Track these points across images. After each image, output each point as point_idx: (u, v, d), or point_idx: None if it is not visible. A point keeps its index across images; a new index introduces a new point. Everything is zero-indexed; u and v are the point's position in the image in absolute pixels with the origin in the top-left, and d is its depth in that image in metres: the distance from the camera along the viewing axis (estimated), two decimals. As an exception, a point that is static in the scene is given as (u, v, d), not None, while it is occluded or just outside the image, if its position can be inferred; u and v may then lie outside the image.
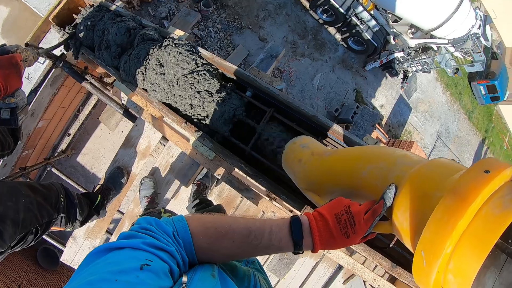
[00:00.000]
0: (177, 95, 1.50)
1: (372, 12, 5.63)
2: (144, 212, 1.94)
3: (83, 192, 2.15)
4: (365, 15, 5.64)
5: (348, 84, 6.41)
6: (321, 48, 6.20)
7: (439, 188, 0.57)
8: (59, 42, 1.85)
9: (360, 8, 5.57)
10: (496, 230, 0.44)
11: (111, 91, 1.94)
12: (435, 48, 5.91)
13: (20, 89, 1.27)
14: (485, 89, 9.27)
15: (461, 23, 4.91)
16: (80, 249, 2.20)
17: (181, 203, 2.15)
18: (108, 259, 0.46)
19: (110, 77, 2.27)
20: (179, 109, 1.55)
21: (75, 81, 1.98)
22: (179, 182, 2.00)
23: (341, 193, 0.87)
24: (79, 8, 1.97)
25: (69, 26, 1.90)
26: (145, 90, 1.60)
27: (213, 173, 1.53)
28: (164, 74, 1.50)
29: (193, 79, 1.45)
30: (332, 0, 5.57)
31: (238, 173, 1.45)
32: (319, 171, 0.95)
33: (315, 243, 0.63)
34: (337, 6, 5.63)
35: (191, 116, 1.53)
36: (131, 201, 2.10)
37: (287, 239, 0.63)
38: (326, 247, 0.65)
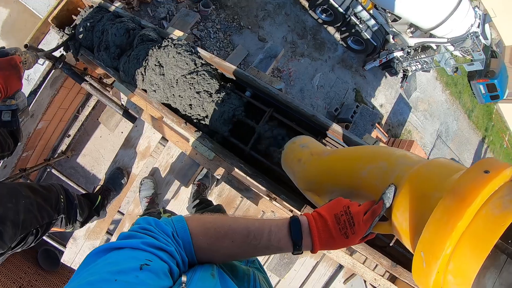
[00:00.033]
0: (176, 95, 1.50)
1: (371, 11, 5.63)
2: (144, 212, 1.94)
3: (83, 193, 2.15)
4: (364, 14, 5.64)
5: (347, 84, 6.40)
6: (321, 48, 6.19)
7: (438, 188, 0.57)
8: (59, 44, 1.84)
9: (359, 8, 5.57)
10: (496, 231, 0.44)
11: (110, 92, 1.94)
12: (435, 47, 5.91)
13: (20, 91, 1.28)
14: (484, 88, 9.26)
15: (460, 22, 4.91)
16: (80, 250, 2.20)
17: (181, 203, 2.15)
18: (108, 259, 0.46)
19: (110, 78, 2.28)
20: (178, 110, 1.55)
21: (75, 82, 1.97)
22: (179, 182, 2.00)
23: (340, 193, 0.87)
24: (78, 9, 1.97)
25: (68, 27, 1.90)
26: (145, 91, 1.60)
27: (213, 173, 1.53)
28: (164, 74, 1.50)
29: (192, 79, 1.45)
30: (331, 0, 5.57)
31: (238, 173, 1.45)
32: (318, 171, 0.95)
33: (314, 243, 0.63)
34: (336, 6, 5.63)
35: (191, 116, 1.53)
36: (131, 202, 2.10)
37: (286, 239, 0.63)
38: (325, 248, 0.65)
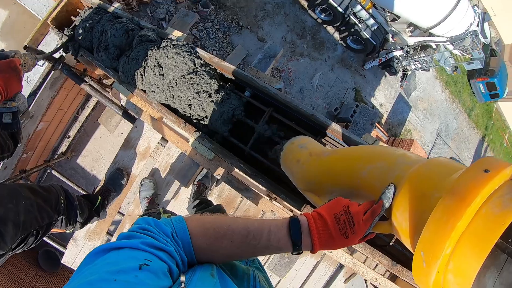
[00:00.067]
0: (176, 95, 1.50)
1: (370, 10, 5.63)
2: (144, 213, 1.94)
3: (83, 194, 2.15)
4: (363, 14, 5.64)
5: (347, 83, 6.40)
6: (320, 48, 6.19)
7: (438, 188, 0.57)
8: (58, 46, 1.84)
9: (359, 7, 5.56)
10: (496, 230, 0.44)
11: (110, 92, 1.95)
12: (434, 46, 5.91)
13: (21, 93, 1.28)
14: (484, 87, 9.25)
15: (459, 21, 4.91)
16: (81, 251, 2.20)
17: (181, 203, 2.15)
18: (107, 259, 0.46)
19: (109, 78, 2.28)
20: (178, 110, 1.55)
21: (74, 83, 1.97)
22: (179, 183, 2.00)
23: (340, 193, 0.87)
24: (77, 10, 1.96)
25: (67, 28, 1.89)
26: (144, 91, 1.60)
27: (213, 173, 1.53)
28: (163, 75, 1.49)
29: (191, 79, 1.45)
30: (330, -1, 5.57)
31: (237, 173, 1.45)
32: (317, 171, 0.95)
33: (314, 243, 0.63)
34: (336, 5, 5.63)
35: (190, 116, 1.53)
36: (131, 202, 2.10)
37: (285, 239, 0.63)
38: (325, 248, 0.65)
